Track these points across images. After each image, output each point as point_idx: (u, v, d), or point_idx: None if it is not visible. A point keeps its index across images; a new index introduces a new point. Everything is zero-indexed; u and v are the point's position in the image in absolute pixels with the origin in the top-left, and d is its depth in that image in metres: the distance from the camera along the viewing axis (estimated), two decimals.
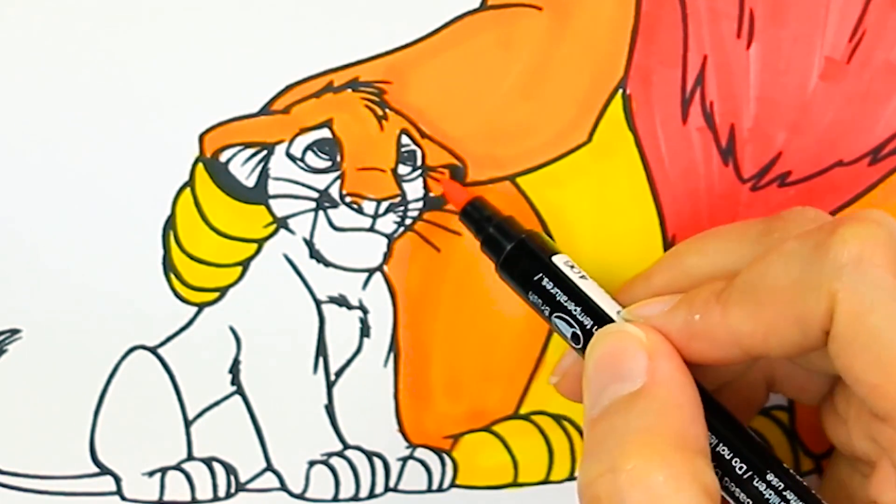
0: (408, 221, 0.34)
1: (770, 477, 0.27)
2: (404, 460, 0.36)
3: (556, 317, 0.30)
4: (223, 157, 0.33)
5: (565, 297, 0.30)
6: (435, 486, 0.36)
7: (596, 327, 0.29)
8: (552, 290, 0.30)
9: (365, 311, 0.35)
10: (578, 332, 0.29)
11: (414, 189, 0.33)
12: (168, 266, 0.34)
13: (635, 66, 0.32)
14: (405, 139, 0.33)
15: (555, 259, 0.31)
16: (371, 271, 0.34)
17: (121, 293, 0.34)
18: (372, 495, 0.36)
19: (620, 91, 0.32)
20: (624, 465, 0.25)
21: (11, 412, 0.35)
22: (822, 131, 0.33)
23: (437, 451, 0.36)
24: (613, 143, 0.33)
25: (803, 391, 0.31)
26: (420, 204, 0.33)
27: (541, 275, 0.30)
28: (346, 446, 0.36)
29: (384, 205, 0.33)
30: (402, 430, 0.36)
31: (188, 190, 0.33)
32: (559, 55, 0.32)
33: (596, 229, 0.34)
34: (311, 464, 0.36)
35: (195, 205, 0.33)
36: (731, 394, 0.31)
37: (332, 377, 0.35)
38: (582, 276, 0.30)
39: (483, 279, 0.34)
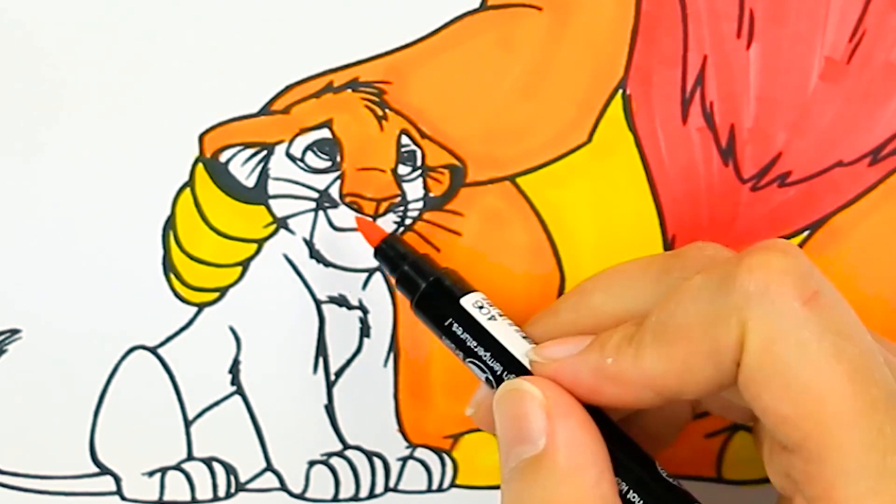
0: (408, 221, 0.34)
1: None
2: (404, 460, 0.36)
3: (469, 361, 0.30)
4: (223, 157, 0.33)
5: (474, 343, 0.30)
6: (435, 486, 0.36)
7: (506, 372, 0.29)
8: (462, 336, 0.30)
9: (365, 311, 0.35)
10: (490, 378, 0.29)
11: (414, 189, 0.33)
12: (168, 266, 0.34)
13: (635, 66, 0.32)
14: (405, 139, 0.33)
15: (464, 301, 0.30)
16: (371, 271, 0.34)
17: (121, 293, 0.34)
18: (372, 495, 0.36)
19: (620, 91, 0.32)
20: None
21: (11, 412, 0.35)
22: (822, 131, 0.33)
23: (437, 451, 0.36)
24: (613, 143, 0.33)
25: (727, 410, 0.31)
26: (420, 204, 0.33)
27: (451, 319, 0.30)
28: (346, 446, 0.36)
29: (384, 205, 0.33)
30: (402, 430, 0.36)
31: (188, 190, 0.33)
32: (559, 55, 0.32)
33: (596, 229, 0.34)
34: (311, 464, 0.36)
35: (195, 205, 0.33)
36: (654, 416, 0.31)
37: (332, 377, 0.35)
38: (491, 318, 0.30)
39: (483, 279, 0.34)
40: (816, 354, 0.24)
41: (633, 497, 0.27)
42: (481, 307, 0.30)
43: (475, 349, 0.30)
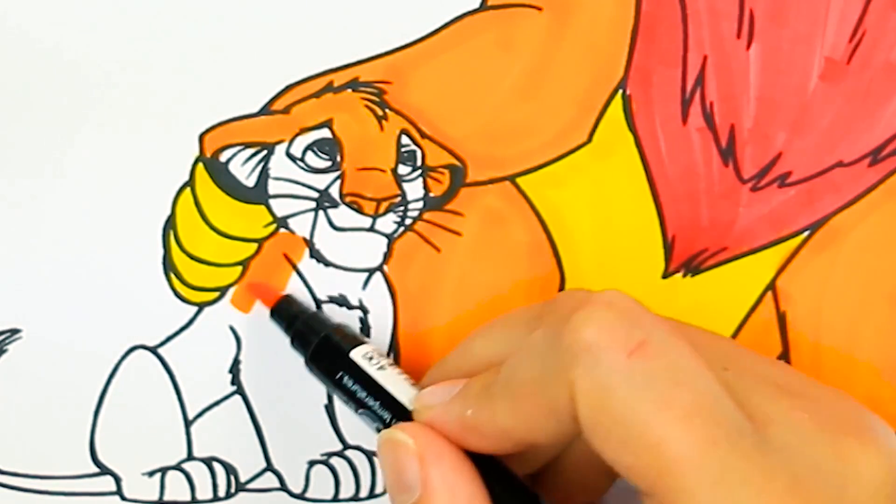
0: (408, 221, 0.34)
1: None
2: None
3: (361, 413, 0.31)
4: (223, 157, 0.33)
5: (364, 393, 0.30)
6: None
7: (394, 420, 0.30)
8: (352, 388, 0.31)
9: (365, 311, 0.35)
10: (381, 428, 0.30)
11: (414, 189, 0.33)
12: (168, 266, 0.34)
13: (635, 66, 0.32)
14: (405, 139, 0.33)
15: (353, 353, 0.31)
16: (371, 271, 0.34)
17: (121, 293, 0.34)
18: (372, 495, 0.36)
19: (620, 91, 0.32)
20: None
21: (11, 412, 0.35)
22: (822, 132, 0.33)
23: None
24: (613, 143, 0.33)
25: None
26: (420, 204, 0.33)
27: (342, 373, 0.31)
28: (346, 446, 0.36)
29: (384, 205, 0.33)
30: None
31: (188, 190, 0.33)
32: (559, 55, 0.32)
33: (596, 229, 0.34)
34: (311, 464, 0.36)
35: (195, 205, 0.33)
36: (576, 464, 0.31)
37: None
38: (380, 368, 0.31)
39: (483, 279, 0.34)
40: (647, 403, 0.24)
41: None
42: (371, 358, 0.31)
43: (365, 399, 0.30)
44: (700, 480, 0.24)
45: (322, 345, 0.32)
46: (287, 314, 0.33)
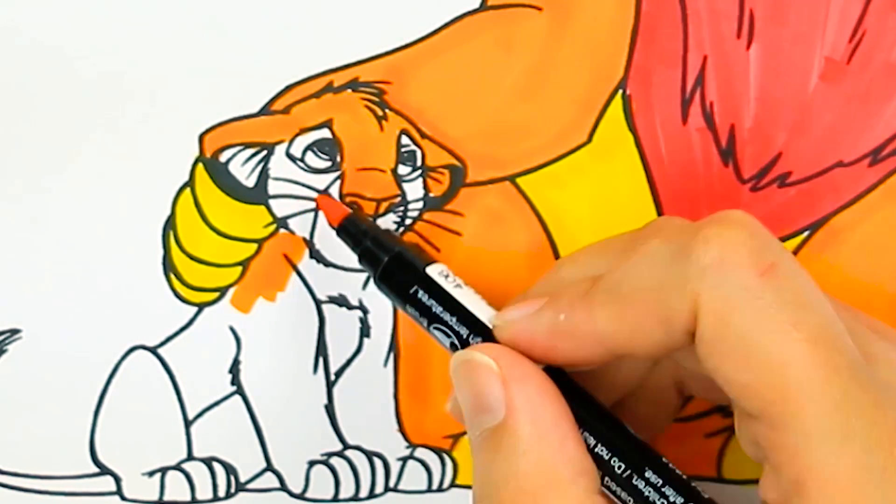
0: (408, 221, 0.34)
1: (648, 474, 0.27)
2: (404, 460, 0.36)
3: (434, 328, 0.30)
4: (223, 157, 0.33)
5: (440, 308, 0.30)
6: (435, 486, 0.36)
7: (472, 335, 0.29)
8: (427, 302, 0.30)
9: (365, 311, 0.35)
10: (456, 342, 0.29)
11: (414, 189, 0.33)
12: (168, 266, 0.34)
13: (635, 66, 0.32)
14: (405, 139, 0.33)
15: (429, 270, 0.30)
16: None
17: (121, 293, 0.34)
18: (372, 495, 0.36)
19: (620, 91, 0.32)
20: None
21: (11, 412, 0.35)
22: (822, 132, 0.33)
23: (437, 451, 0.36)
24: (613, 143, 0.33)
25: (711, 392, 0.31)
26: (420, 204, 0.33)
27: (416, 287, 0.30)
28: (346, 446, 0.36)
29: (384, 205, 0.33)
30: (402, 430, 0.36)
31: (188, 190, 0.33)
32: (559, 55, 0.32)
33: (596, 229, 0.34)
34: (311, 464, 0.36)
35: (195, 205, 0.33)
36: (642, 400, 0.31)
37: (332, 377, 0.35)
38: (457, 286, 0.30)
39: (483, 279, 0.34)
40: (774, 324, 0.24)
41: (602, 451, 0.27)
42: (447, 276, 0.30)
43: (441, 314, 0.30)
44: (819, 404, 0.23)
45: (394, 261, 0.31)
46: (354, 231, 0.32)
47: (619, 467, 0.27)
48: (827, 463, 0.23)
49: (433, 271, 0.30)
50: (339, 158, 0.33)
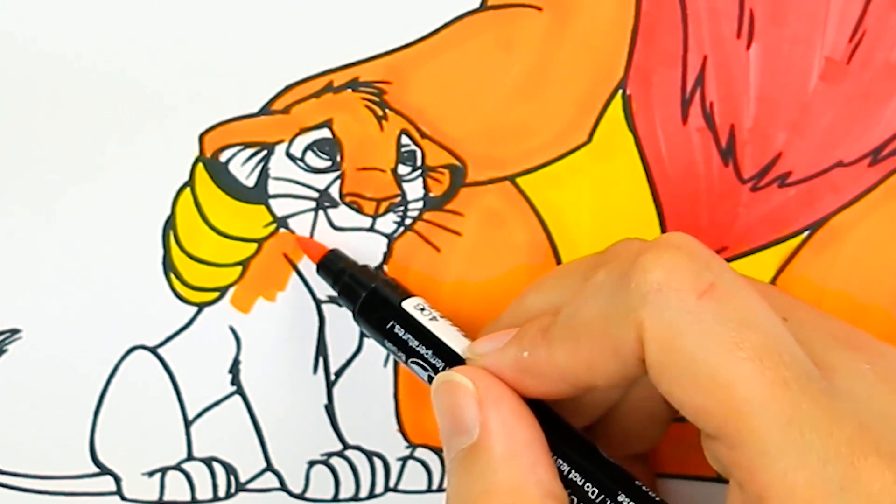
0: (408, 221, 0.34)
1: (621, 497, 0.27)
2: (404, 460, 0.36)
3: (412, 362, 0.30)
4: (223, 157, 0.33)
5: (416, 342, 0.30)
6: (435, 486, 0.36)
7: (447, 367, 0.29)
8: (404, 337, 0.31)
9: None
10: (433, 376, 0.30)
11: (414, 189, 0.33)
12: (168, 266, 0.34)
13: (635, 66, 0.32)
14: (405, 139, 0.33)
15: (405, 304, 0.31)
16: None
17: (121, 293, 0.34)
18: (372, 495, 0.36)
19: (620, 91, 0.32)
20: None
21: (11, 412, 0.35)
22: (822, 132, 0.33)
23: (438, 451, 0.36)
24: (613, 143, 0.33)
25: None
26: (420, 204, 0.33)
27: (392, 322, 0.31)
28: (346, 446, 0.36)
29: (384, 205, 0.33)
30: (402, 430, 0.36)
31: (188, 190, 0.33)
32: (559, 55, 0.32)
33: (596, 229, 0.34)
34: (311, 464, 0.36)
35: (195, 205, 0.33)
36: (632, 412, 0.31)
37: (332, 377, 0.35)
38: (433, 318, 0.31)
39: (482, 279, 0.34)
40: (717, 344, 0.24)
41: (575, 477, 0.27)
42: (422, 309, 0.31)
43: (417, 348, 0.30)
44: (770, 421, 0.23)
45: (371, 296, 0.32)
46: (334, 268, 0.33)
47: (593, 492, 0.27)
48: (785, 478, 0.23)
49: (409, 305, 0.31)
50: (339, 158, 0.33)
